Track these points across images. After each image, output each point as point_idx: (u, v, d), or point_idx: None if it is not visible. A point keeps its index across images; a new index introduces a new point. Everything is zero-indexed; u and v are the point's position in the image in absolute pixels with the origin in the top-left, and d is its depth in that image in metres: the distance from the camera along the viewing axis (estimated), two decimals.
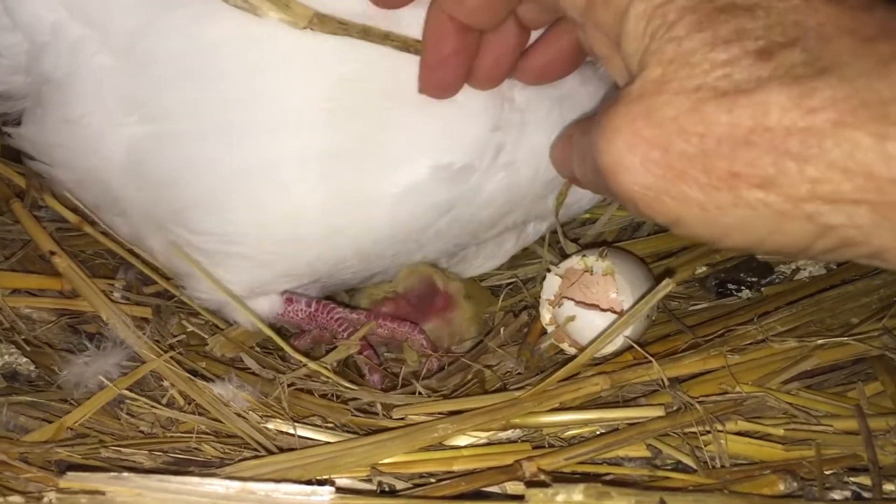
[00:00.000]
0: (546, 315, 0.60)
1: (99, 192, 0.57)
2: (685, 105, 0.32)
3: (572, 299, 0.58)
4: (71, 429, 0.50)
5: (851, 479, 0.46)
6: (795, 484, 0.44)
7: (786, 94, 0.30)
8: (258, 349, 0.63)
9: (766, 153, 0.31)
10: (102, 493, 0.40)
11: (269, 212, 0.54)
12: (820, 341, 0.54)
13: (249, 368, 0.58)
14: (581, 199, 0.64)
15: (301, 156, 0.52)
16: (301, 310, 0.62)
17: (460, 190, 0.55)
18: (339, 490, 0.43)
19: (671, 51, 0.32)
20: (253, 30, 0.49)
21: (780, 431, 0.49)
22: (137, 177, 0.54)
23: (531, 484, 0.43)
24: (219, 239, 0.55)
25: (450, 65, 0.47)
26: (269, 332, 0.58)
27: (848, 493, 0.45)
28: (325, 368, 0.57)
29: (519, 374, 0.59)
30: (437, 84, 0.49)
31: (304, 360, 0.57)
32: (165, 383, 0.53)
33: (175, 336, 0.60)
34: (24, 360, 0.55)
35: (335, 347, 0.61)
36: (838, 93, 0.29)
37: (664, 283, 0.51)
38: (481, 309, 0.67)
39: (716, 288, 0.68)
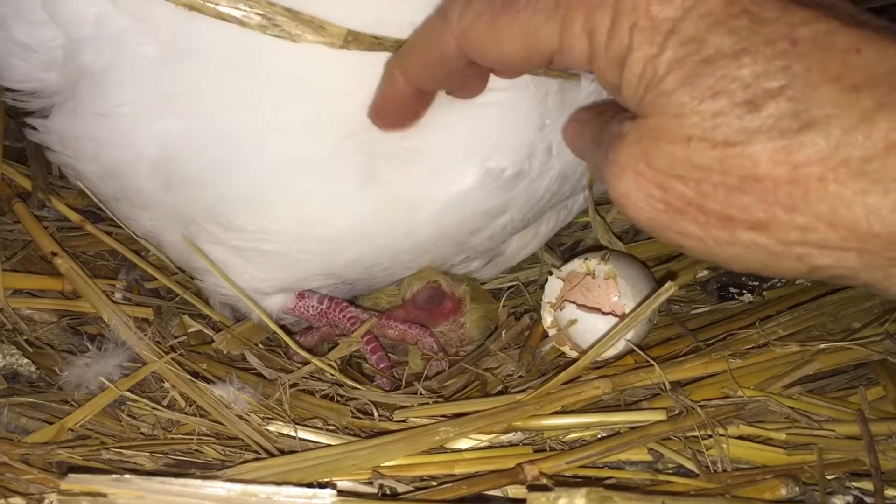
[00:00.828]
0: (547, 318, 0.60)
1: (122, 185, 0.56)
2: (679, 154, 0.33)
3: (574, 302, 0.58)
4: (72, 430, 0.50)
5: (853, 483, 0.46)
6: (797, 488, 0.44)
7: (773, 149, 0.31)
8: (262, 346, 0.63)
9: (757, 201, 0.32)
10: (104, 495, 0.40)
11: (309, 209, 0.54)
12: (822, 345, 0.54)
13: (251, 370, 0.57)
14: None
15: (345, 155, 0.52)
16: (312, 306, 0.62)
17: (513, 193, 0.55)
18: (341, 493, 0.43)
19: (663, 104, 0.33)
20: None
21: (781, 436, 0.49)
22: (169, 171, 0.53)
23: (533, 488, 0.43)
24: (254, 236, 0.55)
25: (402, 114, 0.48)
26: (277, 330, 0.58)
27: (850, 498, 0.45)
28: (330, 366, 0.57)
29: (520, 377, 0.59)
30: (385, 126, 0.50)
31: (308, 356, 0.57)
32: (166, 385, 0.53)
33: (176, 337, 0.60)
34: (26, 361, 0.55)
35: (337, 346, 0.61)
36: (822, 149, 0.31)
37: (666, 286, 0.51)
38: (487, 311, 0.67)
39: (717, 291, 0.68)
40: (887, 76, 0.30)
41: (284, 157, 0.52)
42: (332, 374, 0.57)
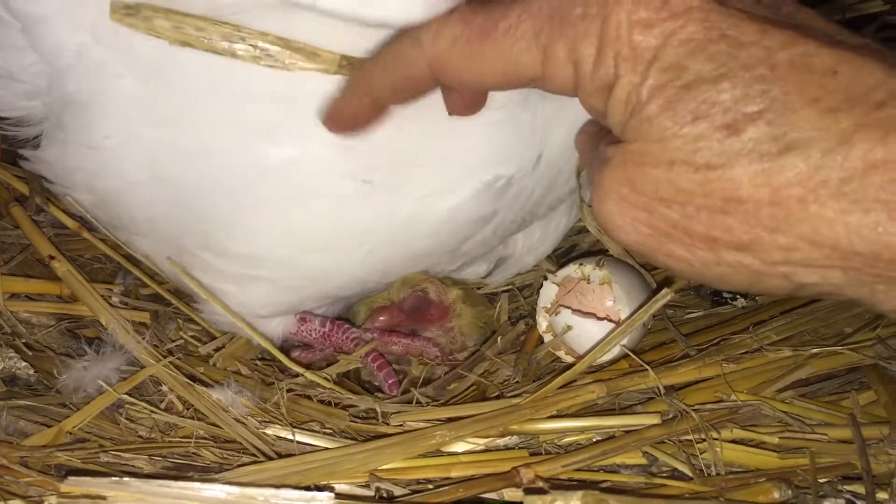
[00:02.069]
0: (542, 323, 0.60)
1: (117, 213, 0.56)
2: (662, 178, 0.34)
3: (569, 308, 0.59)
4: (70, 433, 0.50)
5: (845, 487, 0.47)
6: (790, 492, 0.45)
7: (753, 171, 0.32)
8: (258, 360, 0.63)
9: (740, 223, 0.33)
10: (103, 498, 0.41)
11: (302, 234, 0.53)
12: (814, 350, 0.55)
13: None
14: None
15: (340, 178, 0.51)
16: (315, 329, 0.62)
17: (504, 199, 0.55)
18: (339, 496, 0.43)
19: (646, 129, 0.34)
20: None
21: (774, 439, 0.50)
22: (160, 199, 0.53)
23: (529, 491, 0.43)
24: (246, 262, 0.54)
25: (358, 124, 0.48)
26: (278, 355, 0.58)
27: (842, 501, 0.46)
28: (325, 379, 0.57)
29: (517, 382, 0.59)
30: (337, 132, 0.49)
31: (302, 370, 0.57)
32: (164, 388, 0.54)
33: (174, 341, 0.60)
34: (24, 364, 0.55)
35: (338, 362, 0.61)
36: (802, 172, 0.31)
37: (662, 292, 0.51)
38: (480, 315, 0.67)
39: (711, 296, 0.68)
40: (864, 97, 0.31)
41: (275, 182, 0.51)
42: (328, 387, 0.57)
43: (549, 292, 0.60)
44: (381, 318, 0.64)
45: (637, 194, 0.35)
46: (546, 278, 0.61)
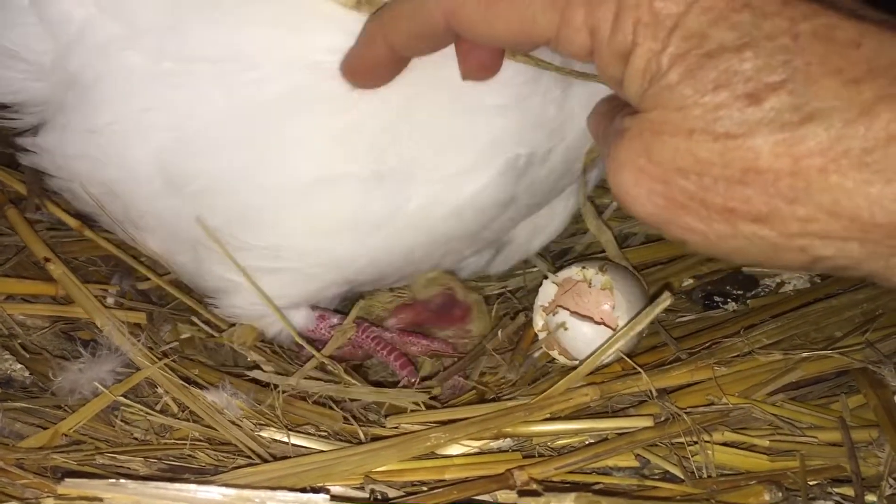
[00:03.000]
0: (539, 321, 0.61)
1: (123, 205, 0.55)
2: (681, 147, 0.34)
3: (567, 309, 0.59)
4: (66, 435, 0.50)
5: (835, 489, 0.47)
6: (780, 494, 0.45)
7: (774, 141, 0.32)
8: (268, 349, 0.63)
9: (758, 194, 0.33)
10: (100, 500, 0.41)
11: (323, 222, 0.53)
12: (804, 354, 0.55)
13: (244, 376, 0.58)
14: None
15: (361, 164, 0.51)
16: (333, 326, 0.62)
17: (524, 181, 0.55)
18: (334, 498, 0.43)
19: (665, 97, 0.34)
20: (294, 35, 0.48)
21: (765, 442, 0.50)
22: (169, 191, 0.52)
23: (522, 493, 0.44)
24: (266, 253, 0.54)
25: (377, 76, 0.47)
26: (305, 345, 0.58)
27: None
28: (337, 365, 0.58)
29: (513, 385, 0.60)
30: (357, 84, 0.48)
31: (321, 357, 0.58)
32: (159, 390, 0.54)
33: (168, 343, 0.60)
34: (19, 366, 0.55)
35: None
36: (823, 141, 0.31)
37: (664, 296, 0.52)
38: (489, 322, 0.67)
39: (702, 300, 0.69)
40: (887, 69, 0.31)
41: (292, 171, 0.51)
42: (336, 372, 0.57)
43: (548, 292, 0.61)
44: (402, 316, 0.65)
45: (654, 164, 0.35)
46: (546, 277, 0.61)
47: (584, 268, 0.59)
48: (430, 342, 0.64)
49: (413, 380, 0.61)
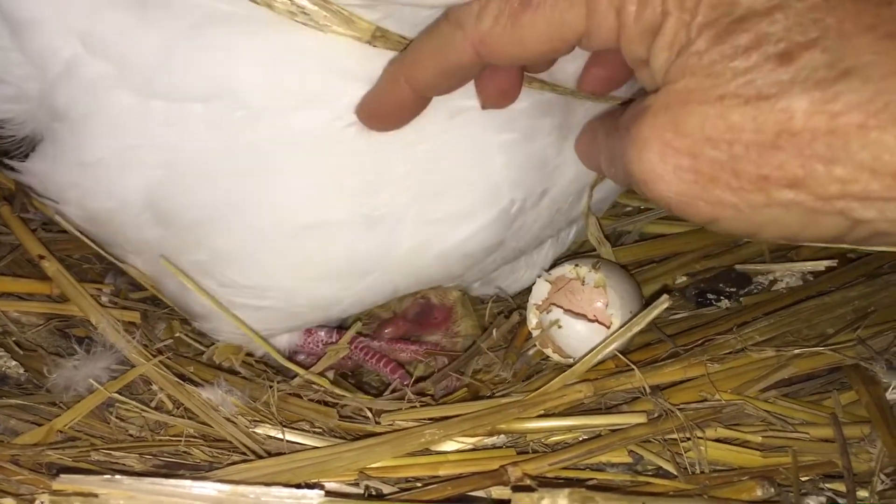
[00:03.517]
0: (533, 319, 0.61)
1: (111, 231, 0.55)
2: (711, 114, 0.33)
3: (560, 307, 0.59)
4: (61, 432, 0.50)
5: (827, 485, 0.47)
6: (773, 490, 0.46)
7: (808, 99, 0.31)
8: (252, 361, 0.63)
9: (793, 156, 0.32)
10: (95, 496, 0.41)
11: (313, 268, 0.53)
12: (796, 351, 0.55)
13: (239, 373, 0.58)
14: (608, 195, 0.64)
15: (345, 208, 0.50)
16: (321, 340, 0.62)
17: (514, 227, 0.55)
18: (329, 493, 0.44)
19: (694, 63, 0.33)
20: (286, 74, 0.46)
21: (757, 438, 0.50)
22: (157, 224, 0.52)
23: (517, 489, 0.44)
24: (250, 293, 0.54)
25: (398, 118, 0.47)
26: (291, 366, 0.58)
27: (823, 499, 0.46)
28: (324, 379, 0.58)
29: (508, 382, 0.60)
30: (375, 127, 0.47)
31: (305, 374, 0.58)
32: (154, 387, 0.54)
33: (163, 340, 0.60)
34: (14, 363, 0.55)
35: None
36: (861, 96, 0.30)
37: (662, 298, 0.52)
38: (480, 318, 0.67)
39: (696, 298, 0.69)
40: None
41: (281, 213, 0.50)
42: (323, 387, 0.57)
43: (541, 290, 0.61)
44: (386, 331, 0.65)
45: (681, 137, 0.34)
46: (540, 275, 0.61)
47: (577, 266, 0.60)
48: (419, 347, 0.64)
49: (405, 383, 0.61)
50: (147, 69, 0.47)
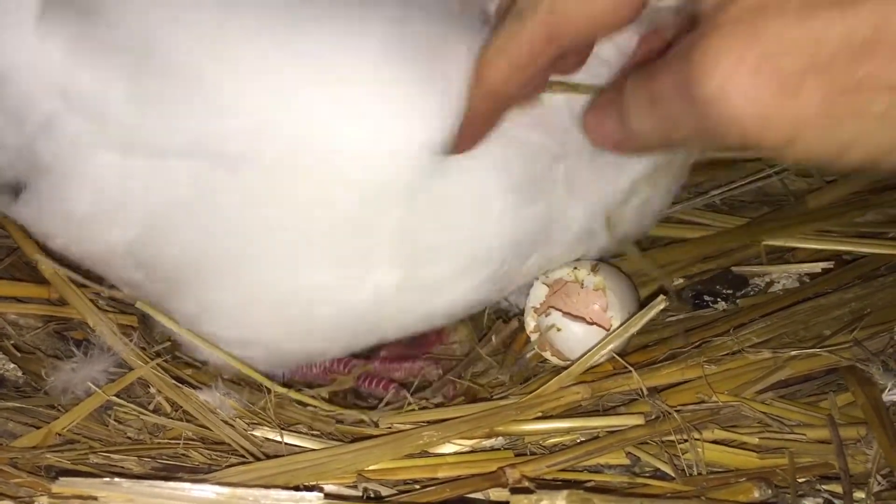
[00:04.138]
0: (531, 323, 0.61)
1: (102, 270, 0.55)
2: (792, 20, 0.29)
3: (559, 310, 0.59)
4: (59, 434, 0.50)
5: (823, 486, 0.47)
6: (770, 491, 0.46)
7: None
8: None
9: (890, 59, 0.28)
10: (94, 499, 0.41)
11: (299, 328, 0.53)
12: (793, 353, 0.55)
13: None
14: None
15: (343, 271, 0.49)
16: (315, 365, 0.62)
17: (498, 285, 0.55)
18: (328, 496, 0.44)
19: None
20: (268, 129, 0.44)
21: (754, 440, 0.50)
22: (144, 271, 0.51)
23: (515, 490, 0.44)
24: (234, 342, 0.54)
25: (479, 136, 0.45)
26: (281, 390, 0.57)
27: (820, 500, 0.47)
28: (319, 400, 0.58)
29: (506, 385, 0.60)
30: (462, 150, 0.45)
31: (298, 395, 0.58)
32: (152, 390, 0.54)
33: (160, 343, 0.60)
34: (12, 366, 0.55)
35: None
36: None
37: (659, 299, 0.52)
38: (475, 325, 0.67)
39: (692, 300, 0.69)
40: None
41: (267, 274, 0.49)
42: (317, 406, 0.57)
43: (538, 293, 0.61)
44: (381, 353, 0.65)
45: (761, 45, 0.30)
46: (538, 278, 0.61)
47: (575, 268, 0.60)
48: (413, 363, 0.64)
49: (402, 393, 0.60)
50: (126, 127, 0.46)
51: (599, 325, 0.58)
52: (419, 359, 0.65)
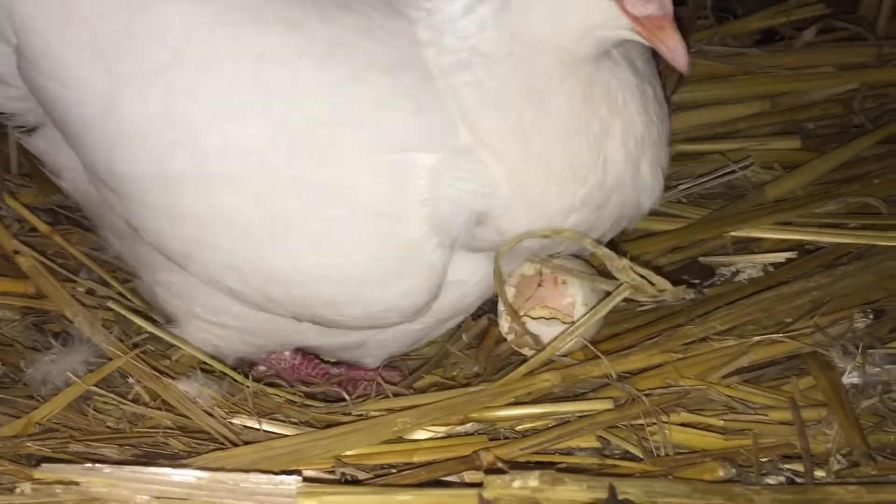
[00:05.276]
0: (504, 325, 0.61)
1: (101, 214, 0.58)
2: None
3: (527, 308, 0.60)
4: (39, 424, 0.51)
5: (786, 465, 0.49)
6: (734, 470, 0.47)
7: None
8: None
9: None
10: (76, 484, 0.42)
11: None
12: (756, 339, 0.57)
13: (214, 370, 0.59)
14: None
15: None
16: (284, 360, 0.63)
17: None
18: (306, 479, 0.44)
19: None
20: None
21: (720, 422, 0.52)
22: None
23: (489, 472, 0.45)
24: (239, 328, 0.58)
25: None
26: (247, 383, 0.58)
27: (782, 479, 0.48)
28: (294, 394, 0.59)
29: (478, 376, 0.61)
30: None
31: (274, 392, 0.59)
32: (131, 380, 0.54)
33: (139, 334, 0.60)
34: None
35: None
36: None
37: (622, 287, 0.53)
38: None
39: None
40: None
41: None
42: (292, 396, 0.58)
43: (507, 294, 0.61)
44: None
45: None
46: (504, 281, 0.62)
47: (532, 262, 0.60)
48: (378, 372, 0.64)
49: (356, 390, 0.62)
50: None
51: (567, 317, 0.59)
52: (384, 367, 0.65)
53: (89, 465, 0.42)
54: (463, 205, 0.50)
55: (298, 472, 0.47)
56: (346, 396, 0.60)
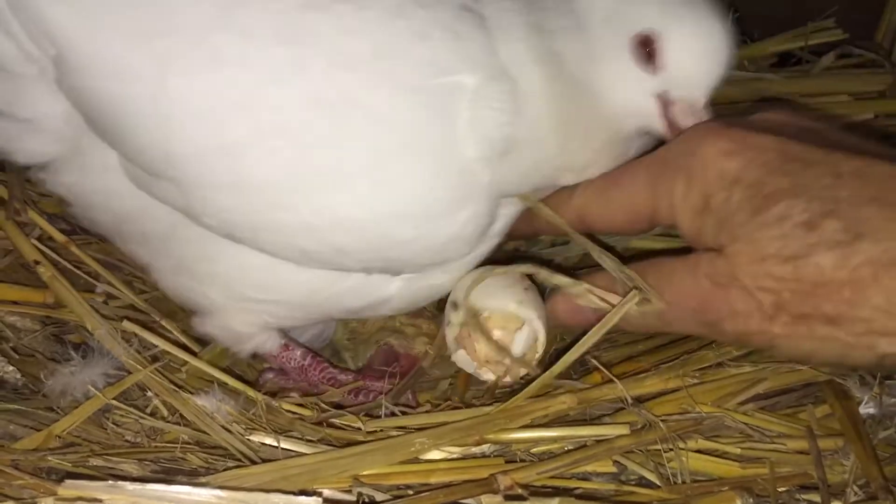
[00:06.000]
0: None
1: (130, 226, 0.58)
2: (759, 271, 0.44)
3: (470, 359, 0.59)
4: (59, 437, 0.51)
5: (802, 496, 0.49)
6: (751, 499, 0.47)
7: (832, 257, 0.41)
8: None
9: (826, 301, 0.42)
10: (99, 501, 0.42)
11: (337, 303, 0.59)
12: (773, 366, 0.56)
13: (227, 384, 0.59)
14: None
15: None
16: (295, 359, 0.63)
17: None
18: (326, 500, 0.45)
19: (737, 234, 0.45)
20: None
21: (736, 450, 0.52)
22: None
23: (508, 497, 0.45)
24: (260, 307, 0.59)
25: None
26: (256, 395, 0.58)
27: None
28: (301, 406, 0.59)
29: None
30: None
31: (279, 404, 0.59)
32: (149, 394, 0.55)
33: (158, 347, 0.61)
34: (11, 368, 0.56)
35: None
36: (872, 254, 0.40)
37: (631, 294, 0.52)
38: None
39: None
40: None
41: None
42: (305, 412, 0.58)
43: (450, 335, 0.60)
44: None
45: (741, 286, 0.45)
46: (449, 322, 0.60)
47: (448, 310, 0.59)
48: (385, 384, 0.63)
49: (367, 398, 0.62)
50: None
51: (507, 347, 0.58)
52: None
53: (111, 482, 0.42)
54: (501, 126, 0.51)
55: (316, 493, 0.47)
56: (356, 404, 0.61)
